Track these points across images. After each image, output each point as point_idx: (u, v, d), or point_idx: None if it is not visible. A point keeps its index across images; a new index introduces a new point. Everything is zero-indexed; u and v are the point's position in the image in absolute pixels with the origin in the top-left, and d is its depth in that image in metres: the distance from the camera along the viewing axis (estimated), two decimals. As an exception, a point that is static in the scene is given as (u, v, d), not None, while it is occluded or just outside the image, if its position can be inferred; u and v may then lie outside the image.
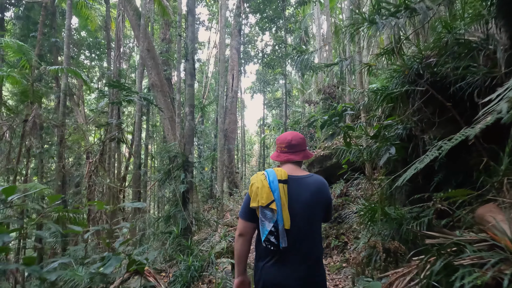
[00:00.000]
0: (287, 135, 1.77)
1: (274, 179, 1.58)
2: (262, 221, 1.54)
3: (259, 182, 1.57)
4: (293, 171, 1.68)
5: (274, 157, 1.81)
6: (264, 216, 1.53)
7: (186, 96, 5.46)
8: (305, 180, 1.65)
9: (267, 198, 1.52)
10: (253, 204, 1.56)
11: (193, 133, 5.47)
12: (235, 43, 15.85)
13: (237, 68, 15.77)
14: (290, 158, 1.72)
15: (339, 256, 5.35)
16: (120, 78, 12.92)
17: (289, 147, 1.72)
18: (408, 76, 3.68)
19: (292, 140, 1.73)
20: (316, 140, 9.79)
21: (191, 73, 5.49)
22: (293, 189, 1.59)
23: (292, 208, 1.55)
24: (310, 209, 1.59)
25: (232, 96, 15.35)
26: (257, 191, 1.55)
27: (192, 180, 5.19)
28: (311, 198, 1.60)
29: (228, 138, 15.09)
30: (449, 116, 3.59)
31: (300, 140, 1.75)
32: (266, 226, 1.52)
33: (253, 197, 1.57)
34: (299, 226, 1.55)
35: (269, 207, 1.51)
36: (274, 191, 1.54)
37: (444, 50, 3.70)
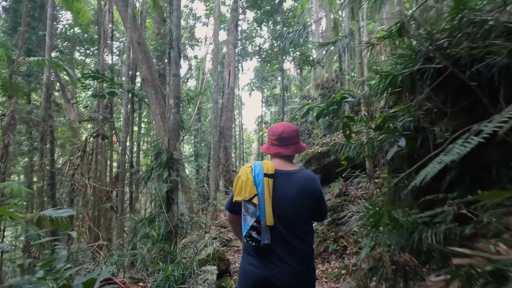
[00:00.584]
0: (278, 127, 1.66)
1: (259, 172, 1.51)
2: (244, 215, 1.49)
3: (245, 175, 1.51)
4: (282, 165, 1.59)
5: (264, 149, 1.71)
6: (246, 210, 1.48)
7: (171, 87, 4.96)
8: (293, 175, 1.55)
9: (250, 192, 1.46)
10: (237, 198, 1.51)
11: (179, 127, 4.96)
12: (231, 39, 15.32)
13: (233, 64, 15.25)
14: (279, 152, 1.62)
15: (338, 261, 4.86)
16: (112, 73, 12.43)
17: (280, 140, 1.62)
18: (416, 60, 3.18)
19: (283, 132, 1.62)
20: (315, 136, 9.29)
21: (176, 61, 4.98)
22: (279, 184, 1.51)
23: (277, 204, 1.48)
24: (297, 206, 1.50)
25: (228, 92, 14.83)
26: (242, 185, 1.50)
27: (177, 179, 4.69)
28: (298, 194, 1.51)
29: (224, 136, 14.58)
30: (463, 106, 3.11)
31: (292, 133, 1.64)
32: (248, 220, 1.46)
33: (237, 191, 1.51)
34: (285, 223, 1.47)
35: (252, 201, 1.46)
36: (258, 185, 1.48)
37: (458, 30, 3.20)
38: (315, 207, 1.58)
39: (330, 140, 6.82)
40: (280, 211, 1.47)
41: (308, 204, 1.54)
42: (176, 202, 4.86)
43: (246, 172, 1.53)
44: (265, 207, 1.44)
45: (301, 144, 1.71)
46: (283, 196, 1.49)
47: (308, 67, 10.91)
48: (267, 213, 1.44)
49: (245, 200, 1.48)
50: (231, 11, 15.68)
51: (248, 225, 1.45)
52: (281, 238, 1.46)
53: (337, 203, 5.73)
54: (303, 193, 1.52)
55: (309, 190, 1.54)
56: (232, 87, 14.99)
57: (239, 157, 21.11)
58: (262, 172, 1.51)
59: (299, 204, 1.50)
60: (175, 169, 4.82)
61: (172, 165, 4.81)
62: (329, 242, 5.28)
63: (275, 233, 1.45)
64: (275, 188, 1.50)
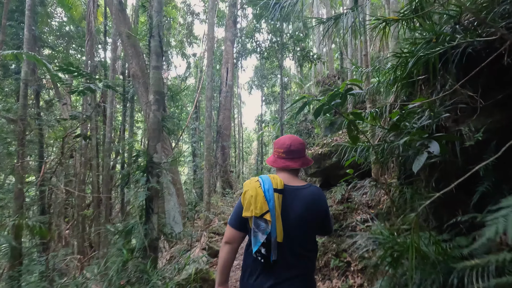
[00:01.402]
0: (286, 139, 1.61)
1: (269, 187, 1.45)
2: (255, 232, 1.42)
3: (253, 190, 1.44)
4: (290, 180, 1.55)
5: (270, 162, 1.65)
6: (257, 227, 1.41)
7: (151, 81, 4.32)
8: (302, 191, 1.52)
9: (261, 208, 1.40)
10: (246, 213, 1.43)
11: (160, 127, 4.32)
12: (229, 35, 14.67)
13: (231, 61, 14.60)
14: (287, 165, 1.57)
15: (340, 280, 4.20)
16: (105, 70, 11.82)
17: (288, 153, 1.57)
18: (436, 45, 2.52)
19: (291, 145, 1.58)
20: (315, 136, 8.63)
21: (156, 52, 4.34)
22: (288, 200, 1.47)
23: (285, 220, 1.43)
24: (305, 223, 1.46)
25: (226, 90, 14.20)
26: (250, 200, 1.43)
27: (157, 186, 4.05)
28: (306, 211, 1.47)
29: (222, 135, 13.95)
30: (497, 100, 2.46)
31: (300, 146, 1.60)
32: (259, 237, 1.40)
33: (246, 206, 1.44)
34: (292, 240, 1.43)
35: (263, 217, 1.40)
36: (269, 200, 1.41)
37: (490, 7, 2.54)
38: (322, 224, 1.55)
39: (331, 141, 6.17)
40: (288, 227, 1.43)
41: (315, 221, 1.51)
42: (157, 211, 4.22)
43: (254, 187, 1.46)
44: (276, 224, 1.39)
45: (307, 157, 1.65)
46: (291, 213, 1.45)
47: (308, 63, 10.24)
48: (278, 230, 1.40)
49: (256, 216, 1.40)
50: (229, 7, 15.01)
51: (260, 242, 1.39)
52: (287, 255, 1.42)
53: (339, 211, 5.08)
54: (311, 210, 1.48)
55: (316, 208, 1.51)
56: (230, 85, 14.35)
57: (239, 157, 20.46)
58: (272, 187, 1.44)
59: (306, 221, 1.47)
60: (155, 174, 4.18)
61: (152, 170, 4.17)
62: (331, 256, 4.63)
63: (282, 250, 1.41)
64: (284, 204, 1.46)
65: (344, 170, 6.29)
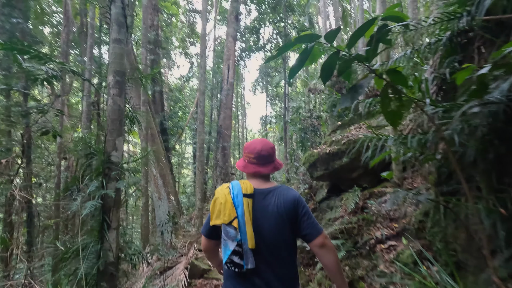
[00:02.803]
0: (257, 144, 1.49)
1: (238, 193, 1.38)
2: (224, 241, 1.35)
3: (223, 197, 1.37)
4: (260, 184, 1.46)
5: (240, 167, 1.52)
6: (226, 235, 1.33)
7: (110, 58, 3.30)
8: (271, 193, 1.42)
9: (229, 215, 1.32)
10: (215, 221, 1.35)
11: (122, 117, 3.29)
12: (231, 31, 13.67)
13: (233, 57, 13.59)
14: (258, 171, 1.46)
15: (357, 320, 3.09)
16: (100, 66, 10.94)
17: (258, 158, 1.46)
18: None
19: (261, 150, 1.47)
20: (321, 135, 7.51)
21: (118, 22, 3.32)
22: (258, 204, 1.38)
23: (258, 225, 1.34)
24: (278, 226, 1.35)
25: (227, 88, 13.17)
26: (220, 207, 1.35)
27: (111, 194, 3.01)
28: (279, 213, 1.36)
29: (222, 135, 12.92)
30: None
31: (270, 151, 1.49)
32: (229, 245, 1.32)
33: (216, 214, 1.36)
34: (266, 245, 1.33)
35: (232, 224, 1.31)
36: (238, 206, 1.34)
37: None
38: (300, 223, 1.37)
39: (342, 138, 5.05)
40: (262, 232, 1.33)
41: (290, 222, 1.36)
42: (117, 226, 3.17)
43: (224, 193, 1.38)
44: (246, 230, 1.30)
45: (278, 161, 1.55)
46: (263, 216, 1.36)
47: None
48: (248, 236, 1.30)
49: (224, 224, 1.33)
50: (232, 2, 14.04)
51: (230, 250, 1.31)
52: (264, 261, 1.33)
53: (353, 224, 3.95)
54: (284, 211, 1.36)
55: (287, 204, 1.37)
56: (231, 83, 13.32)
57: (242, 159, 19.33)
58: (241, 193, 1.37)
59: (280, 224, 1.35)
60: (113, 178, 3.14)
61: (109, 172, 3.13)
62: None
63: (258, 256, 1.31)
64: (255, 208, 1.37)
65: (358, 172, 5.14)
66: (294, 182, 7.69)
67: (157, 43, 12.58)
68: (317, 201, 5.81)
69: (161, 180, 7.73)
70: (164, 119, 12.33)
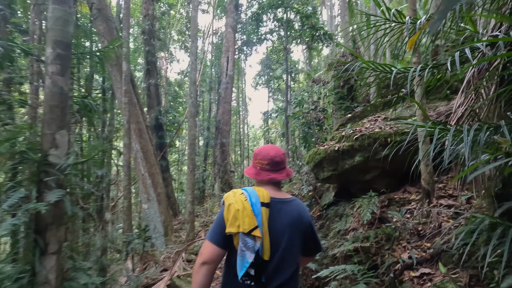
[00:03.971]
0: (269, 150, 1.42)
1: (256, 201, 1.26)
2: (242, 251, 1.19)
3: (239, 204, 1.23)
4: (276, 193, 1.37)
5: (252, 175, 1.41)
6: (245, 245, 1.19)
7: (49, 23, 2.41)
8: (287, 204, 1.36)
9: (249, 223, 1.20)
10: (231, 229, 1.20)
11: (66, 104, 2.42)
12: (230, 21, 12.73)
13: (233, 49, 12.66)
14: (273, 178, 1.37)
15: None
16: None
17: (272, 164, 1.38)
18: None
19: (275, 156, 1.39)
20: (326, 130, 6.58)
21: (60, -25, 2.43)
22: (274, 214, 1.30)
23: (272, 236, 1.25)
24: (291, 239, 1.30)
25: (226, 81, 12.27)
26: (236, 214, 1.21)
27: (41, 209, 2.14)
28: (292, 225, 1.31)
29: (221, 131, 12.05)
30: None
31: (283, 156, 1.43)
32: (247, 257, 1.18)
33: (231, 221, 1.21)
34: (279, 257, 1.26)
35: (252, 234, 1.19)
36: (257, 215, 1.23)
37: None
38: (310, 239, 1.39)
39: (353, 132, 4.13)
40: (276, 243, 1.26)
41: (301, 236, 1.34)
42: (57, 250, 2.31)
43: (240, 199, 1.25)
44: (263, 241, 1.22)
45: (289, 168, 1.47)
46: (279, 227, 1.29)
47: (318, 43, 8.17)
48: (265, 247, 1.22)
49: (243, 233, 1.19)
50: (231, -10, 13.07)
51: (248, 262, 1.18)
52: (275, 274, 1.25)
53: (371, 242, 3.04)
54: (297, 224, 1.33)
55: (303, 222, 1.35)
56: (231, 76, 12.41)
57: (243, 156, 18.54)
58: (259, 201, 1.26)
59: (293, 237, 1.31)
60: (53, 185, 2.28)
61: (47, 176, 2.27)
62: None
63: (269, 269, 1.24)
64: (271, 218, 1.28)
65: (373, 174, 4.21)
66: (297, 182, 6.79)
67: (152, 33, 11.69)
68: (322, 207, 4.92)
69: (150, 179, 6.91)
70: (160, 114, 11.48)
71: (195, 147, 6.22)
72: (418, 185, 3.71)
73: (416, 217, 3.12)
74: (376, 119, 4.30)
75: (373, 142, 3.86)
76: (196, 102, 6.36)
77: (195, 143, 6.10)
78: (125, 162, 5.67)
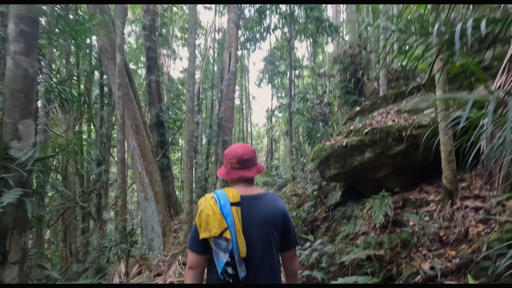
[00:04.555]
0: (238, 149, 1.42)
1: (225, 202, 1.27)
2: (216, 253, 1.24)
3: (209, 209, 1.25)
4: (246, 190, 1.37)
5: (223, 175, 1.43)
6: (218, 247, 1.23)
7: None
8: (259, 199, 1.36)
9: (219, 226, 1.22)
10: (204, 234, 1.24)
11: (31, 89, 2.07)
12: (233, 16, 12.32)
13: (235, 44, 12.25)
14: (243, 175, 1.38)
15: None
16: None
17: (241, 162, 1.39)
18: None
19: (243, 154, 1.40)
20: (332, 125, 6.17)
21: None
22: (246, 211, 1.31)
23: (247, 233, 1.27)
24: (267, 233, 1.31)
25: (229, 78, 11.87)
26: (207, 220, 1.24)
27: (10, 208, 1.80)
28: (266, 220, 1.31)
29: (223, 129, 11.66)
30: None
31: (252, 154, 1.43)
32: (222, 257, 1.23)
33: (203, 227, 1.25)
34: (256, 253, 1.28)
35: (223, 236, 1.22)
36: (227, 216, 1.24)
37: None
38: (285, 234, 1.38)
39: (363, 126, 3.72)
40: (252, 239, 1.27)
41: (277, 230, 1.34)
42: (20, 259, 1.97)
43: (209, 204, 1.27)
44: (237, 239, 1.23)
45: (260, 165, 1.47)
46: (252, 223, 1.29)
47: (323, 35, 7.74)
48: (240, 245, 1.23)
49: (214, 237, 1.22)
50: (233, -16, 12.67)
51: (223, 262, 1.22)
52: (256, 269, 1.28)
53: (385, 249, 2.63)
54: (271, 217, 1.32)
55: (277, 215, 1.34)
56: (233, 72, 12.01)
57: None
58: (228, 202, 1.28)
59: (268, 231, 1.31)
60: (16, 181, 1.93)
61: (7, 172, 1.92)
62: None
63: (249, 265, 1.26)
64: (244, 216, 1.29)
65: (385, 171, 3.77)
66: (301, 181, 6.39)
67: (153, 29, 11.37)
68: (328, 207, 4.52)
69: (148, 177, 6.58)
70: (161, 111, 11.16)
71: (193, 144, 5.88)
72: (437, 184, 3.30)
73: (437, 220, 2.71)
74: (388, 111, 3.89)
75: (386, 136, 3.46)
76: (194, 96, 5.99)
77: (193, 140, 5.73)
78: (119, 159, 5.34)
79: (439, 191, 3.10)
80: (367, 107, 4.59)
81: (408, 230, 2.74)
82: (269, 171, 13.12)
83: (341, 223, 3.88)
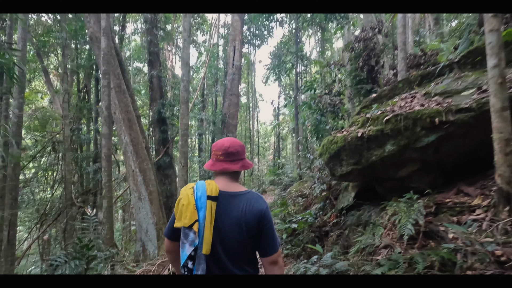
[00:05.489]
0: (224, 141, 1.37)
1: (202, 195, 1.22)
2: (183, 243, 1.20)
3: (185, 198, 1.22)
4: (228, 185, 1.31)
5: (208, 166, 1.38)
6: (185, 238, 1.20)
7: None
8: (238, 197, 1.28)
9: (190, 217, 1.18)
10: (178, 223, 1.21)
11: None
12: (237, 8, 11.71)
13: (240, 38, 11.63)
14: (226, 168, 1.32)
15: None
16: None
17: (226, 155, 1.33)
18: None
19: (229, 147, 1.35)
20: (344, 116, 5.44)
21: None
22: (222, 208, 1.24)
23: (218, 231, 1.22)
24: (241, 234, 1.23)
25: (233, 72, 11.27)
26: (182, 209, 1.21)
27: None
28: (242, 220, 1.23)
29: (227, 125, 11.08)
30: None
31: (239, 148, 1.37)
32: (186, 249, 1.19)
33: (178, 216, 1.22)
34: (226, 252, 1.22)
35: (192, 228, 1.18)
36: (200, 209, 1.20)
37: None
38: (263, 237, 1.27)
39: (381, 113, 3.01)
40: (222, 238, 1.22)
41: (253, 233, 1.25)
42: None
43: (187, 194, 1.23)
44: (204, 234, 1.18)
45: (247, 160, 1.40)
46: (226, 222, 1.23)
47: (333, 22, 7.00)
48: (205, 241, 1.18)
49: (184, 227, 1.19)
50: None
51: (186, 255, 1.18)
52: (223, 269, 1.22)
53: (421, 271, 1.93)
54: (247, 218, 1.23)
55: (253, 214, 1.25)
56: (237, 66, 11.39)
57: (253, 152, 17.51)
58: (205, 194, 1.22)
59: (241, 231, 1.23)
60: None
61: None
62: None
63: (217, 264, 1.21)
64: (218, 212, 1.23)
65: (410, 168, 2.82)
66: (308, 180, 5.69)
67: (154, 22, 10.84)
68: (339, 211, 3.81)
69: (141, 176, 6.02)
70: (163, 107, 10.62)
71: (188, 139, 5.26)
72: (480, 184, 2.56)
73: (490, 233, 1.99)
74: (414, 95, 3.16)
75: (412, 124, 2.74)
76: (189, 85, 5.37)
77: (188, 135, 5.11)
78: (105, 156, 4.77)
79: (486, 193, 2.37)
80: (385, 92, 3.86)
81: (450, 246, 2.02)
82: (275, 169, 12.43)
83: (356, 230, 3.17)
